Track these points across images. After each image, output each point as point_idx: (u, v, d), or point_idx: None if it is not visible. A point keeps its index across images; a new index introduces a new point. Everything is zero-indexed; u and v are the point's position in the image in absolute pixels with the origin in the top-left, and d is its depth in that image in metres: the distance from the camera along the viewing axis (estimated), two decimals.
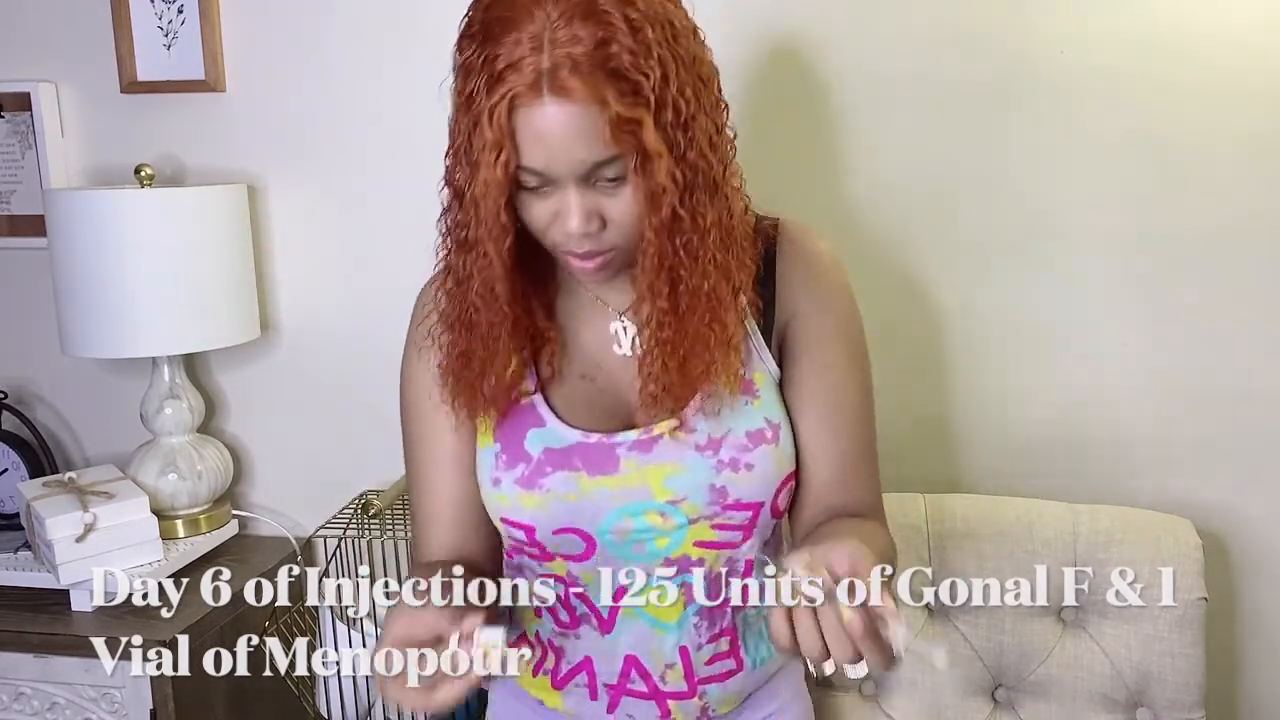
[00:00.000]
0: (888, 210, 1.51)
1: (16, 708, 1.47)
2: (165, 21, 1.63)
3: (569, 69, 0.81)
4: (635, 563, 1.00)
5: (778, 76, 1.51)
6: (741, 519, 0.99)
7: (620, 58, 0.82)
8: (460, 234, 0.93)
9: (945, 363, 1.54)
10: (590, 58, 0.81)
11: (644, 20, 0.83)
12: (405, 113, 1.60)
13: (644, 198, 0.87)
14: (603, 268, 0.93)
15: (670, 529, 0.98)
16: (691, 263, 0.91)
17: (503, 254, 0.91)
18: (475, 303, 0.94)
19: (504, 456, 1.00)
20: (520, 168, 0.86)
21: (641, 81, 0.82)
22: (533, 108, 0.82)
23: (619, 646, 1.03)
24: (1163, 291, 1.48)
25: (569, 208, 0.87)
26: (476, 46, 0.85)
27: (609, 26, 0.81)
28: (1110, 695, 1.36)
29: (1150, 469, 1.52)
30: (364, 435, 1.70)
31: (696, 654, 1.03)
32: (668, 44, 0.84)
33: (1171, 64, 1.41)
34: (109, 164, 1.70)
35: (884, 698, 1.41)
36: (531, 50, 0.81)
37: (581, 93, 0.81)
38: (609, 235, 0.90)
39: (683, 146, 0.86)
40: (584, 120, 0.82)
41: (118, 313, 1.50)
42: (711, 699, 1.05)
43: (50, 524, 1.45)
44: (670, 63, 0.84)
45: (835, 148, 1.51)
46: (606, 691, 1.04)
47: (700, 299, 0.92)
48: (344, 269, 1.67)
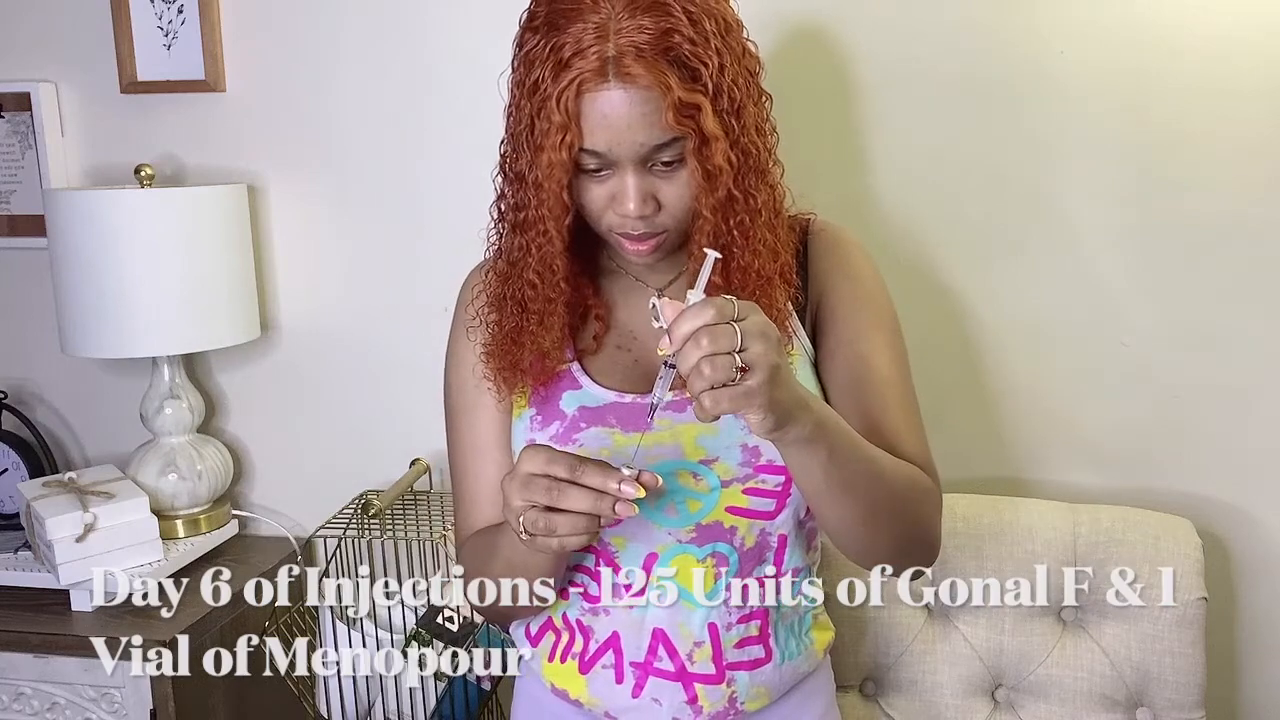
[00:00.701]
0: (890, 207, 1.51)
1: (16, 708, 1.47)
2: (165, 21, 1.63)
3: (633, 55, 0.86)
4: (667, 527, 1.01)
5: (789, 74, 1.51)
6: (774, 484, 1.01)
7: (681, 47, 0.87)
8: (518, 216, 0.98)
9: (945, 360, 1.54)
10: (653, 45, 0.86)
11: (701, 13, 0.89)
12: (406, 112, 1.60)
13: (702, 179, 0.91)
14: (655, 249, 0.97)
15: (703, 491, 1.00)
16: (744, 241, 0.96)
17: (563, 232, 0.96)
18: (532, 279, 0.99)
19: (539, 418, 1.03)
20: (583, 150, 0.90)
21: (701, 69, 0.88)
22: (599, 92, 0.88)
23: (647, 620, 1.03)
24: (1163, 290, 1.48)
25: (626, 190, 0.92)
26: (541, 37, 0.90)
27: (670, 17, 0.87)
28: (1110, 695, 1.36)
29: (1150, 469, 1.52)
30: (364, 435, 1.70)
31: (726, 634, 1.04)
32: (722, 36, 0.90)
33: (1174, 62, 1.41)
34: (109, 164, 1.70)
35: (884, 697, 1.41)
36: (597, 38, 0.86)
37: (646, 78, 0.86)
38: (662, 218, 0.95)
39: (736, 131, 0.92)
40: (647, 104, 0.87)
41: (118, 313, 1.50)
42: (739, 689, 1.05)
43: (50, 524, 1.45)
44: (725, 54, 0.90)
45: (842, 145, 1.51)
46: (633, 672, 1.04)
47: (750, 276, 0.97)
48: (344, 269, 1.67)
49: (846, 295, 1.06)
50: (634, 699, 1.05)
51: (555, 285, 0.99)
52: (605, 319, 1.06)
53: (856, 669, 1.41)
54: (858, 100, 1.50)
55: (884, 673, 1.41)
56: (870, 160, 1.51)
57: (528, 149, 0.93)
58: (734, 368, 0.77)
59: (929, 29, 1.46)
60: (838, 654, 1.40)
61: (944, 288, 1.53)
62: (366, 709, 1.51)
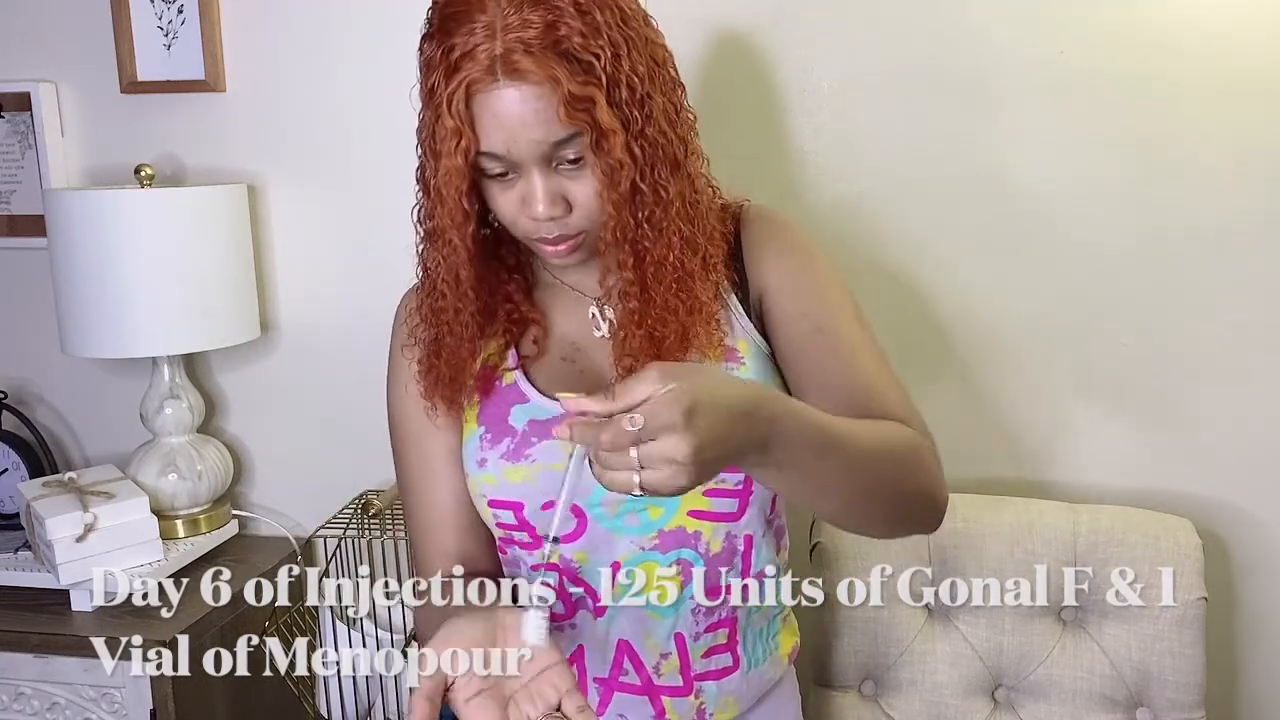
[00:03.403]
0: (888, 208, 1.51)
1: (16, 708, 1.47)
2: (165, 21, 1.63)
3: (521, 52, 0.84)
4: (629, 536, 0.99)
5: (771, 78, 1.51)
6: (734, 482, 0.99)
7: (570, 39, 0.85)
8: (428, 225, 0.97)
9: (944, 360, 1.54)
10: (540, 40, 0.84)
11: (591, 4, 0.86)
12: (406, 112, 1.58)
13: (603, 173, 0.89)
14: (573, 250, 0.95)
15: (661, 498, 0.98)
16: (655, 235, 0.94)
17: (466, 240, 0.94)
18: (442, 289, 0.98)
19: (488, 435, 1.01)
20: (481, 153, 0.89)
21: (593, 61, 0.86)
22: (489, 92, 0.86)
23: (612, 632, 1.02)
24: (1163, 290, 1.48)
25: (534, 192, 0.90)
26: (435, 42, 0.89)
27: (557, 10, 0.85)
28: (1110, 695, 1.36)
29: (1150, 469, 1.52)
30: (364, 435, 1.69)
31: (693, 644, 1.02)
32: (618, 26, 0.88)
33: (1172, 63, 1.41)
34: (109, 164, 1.70)
35: (884, 697, 1.41)
36: (485, 38, 0.85)
37: (535, 74, 0.84)
38: (575, 219, 0.92)
39: (640, 123, 0.89)
40: (538, 101, 0.85)
41: (118, 313, 1.50)
42: (708, 700, 1.04)
43: (50, 524, 1.45)
44: (621, 44, 0.87)
45: (836, 146, 1.51)
46: (598, 688, 1.03)
47: (666, 269, 0.95)
48: (344, 269, 1.67)
49: (790, 273, 1.02)
50: (599, 717, 1.02)
51: (463, 295, 0.97)
52: (544, 326, 1.04)
53: (856, 669, 1.41)
54: (856, 100, 1.50)
55: (884, 673, 1.41)
56: (866, 163, 1.50)
57: (430, 157, 0.92)
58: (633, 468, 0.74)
59: (929, 29, 1.46)
60: (838, 654, 1.41)
61: (944, 287, 1.53)
62: (366, 709, 1.51)
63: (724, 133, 1.48)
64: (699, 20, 1.50)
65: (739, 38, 1.51)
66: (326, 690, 1.51)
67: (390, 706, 1.50)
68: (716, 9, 1.50)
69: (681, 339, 0.96)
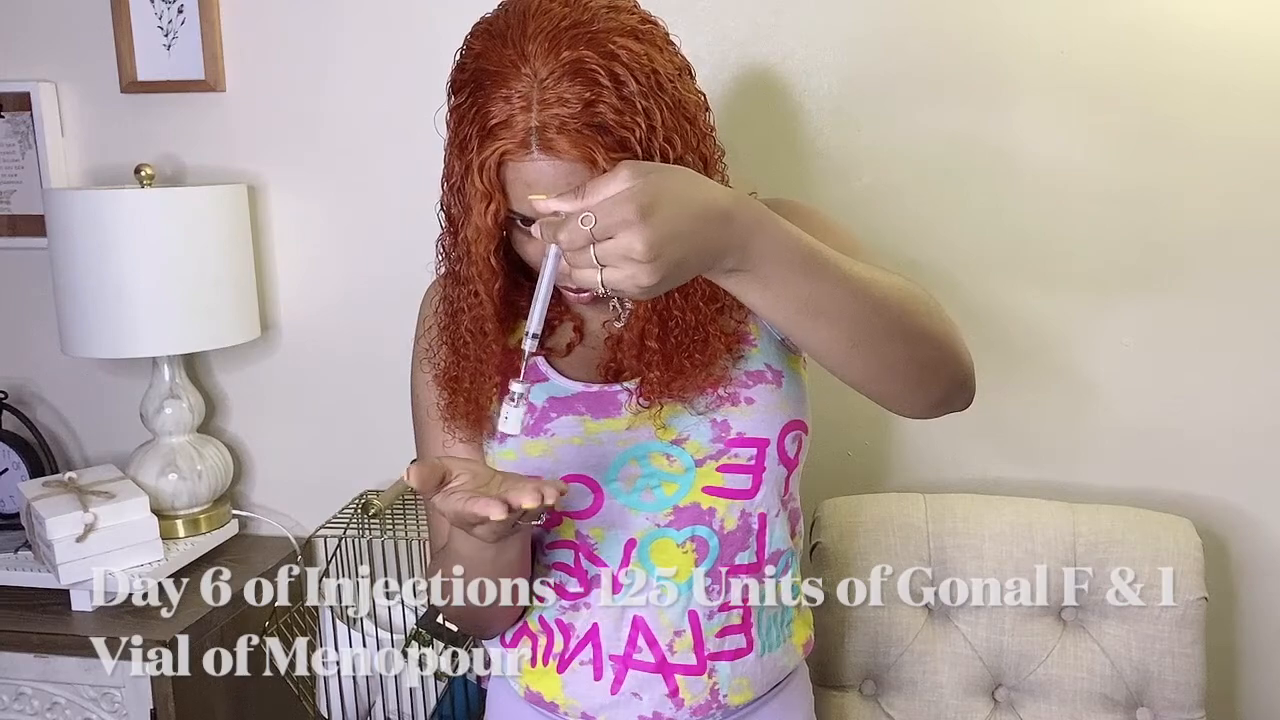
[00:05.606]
0: (890, 206, 1.51)
1: (16, 708, 1.47)
2: (165, 21, 1.63)
3: (556, 129, 0.84)
4: (644, 512, 1.01)
5: (774, 82, 1.51)
6: (747, 457, 1.00)
7: (606, 116, 0.85)
8: (455, 266, 0.98)
9: None
10: (577, 118, 0.84)
11: (628, 74, 0.86)
12: (405, 112, 1.60)
13: None
14: (596, 300, 0.98)
15: (677, 473, 1.00)
16: (684, 300, 0.95)
17: (493, 295, 0.96)
18: (465, 337, 1.00)
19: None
20: (511, 212, 0.90)
21: (628, 136, 0.86)
22: (522, 163, 0.86)
23: (627, 609, 1.02)
24: (1164, 290, 1.48)
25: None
26: (468, 95, 0.89)
27: (595, 86, 0.85)
28: (1110, 695, 1.36)
29: (1150, 469, 1.52)
30: (364, 435, 1.70)
31: (707, 623, 1.03)
32: (653, 94, 0.87)
33: (1173, 62, 1.42)
34: (109, 164, 1.71)
35: (884, 697, 1.41)
36: (521, 109, 0.85)
37: (570, 153, 0.85)
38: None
39: None
40: (572, 176, 0.85)
41: (118, 313, 1.50)
42: (721, 680, 1.04)
43: (50, 524, 1.45)
44: (655, 112, 0.87)
45: (841, 145, 1.51)
46: (612, 665, 1.03)
47: (689, 324, 0.96)
48: (344, 269, 1.67)
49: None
50: (613, 695, 1.03)
51: (487, 346, 0.99)
52: (581, 330, 1.05)
53: (856, 669, 1.41)
54: (855, 101, 1.50)
55: (884, 673, 1.41)
56: (870, 160, 1.51)
57: (459, 202, 0.93)
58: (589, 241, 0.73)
59: (929, 28, 1.46)
60: (838, 654, 1.41)
61: (944, 287, 1.52)
62: (366, 709, 1.51)
63: (724, 133, 1.48)
64: (700, 20, 1.50)
65: (742, 40, 1.51)
66: (326, 690, 1.51)
67: (390, 706, 1.50)
68: (717, 8, 1.50)
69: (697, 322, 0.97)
